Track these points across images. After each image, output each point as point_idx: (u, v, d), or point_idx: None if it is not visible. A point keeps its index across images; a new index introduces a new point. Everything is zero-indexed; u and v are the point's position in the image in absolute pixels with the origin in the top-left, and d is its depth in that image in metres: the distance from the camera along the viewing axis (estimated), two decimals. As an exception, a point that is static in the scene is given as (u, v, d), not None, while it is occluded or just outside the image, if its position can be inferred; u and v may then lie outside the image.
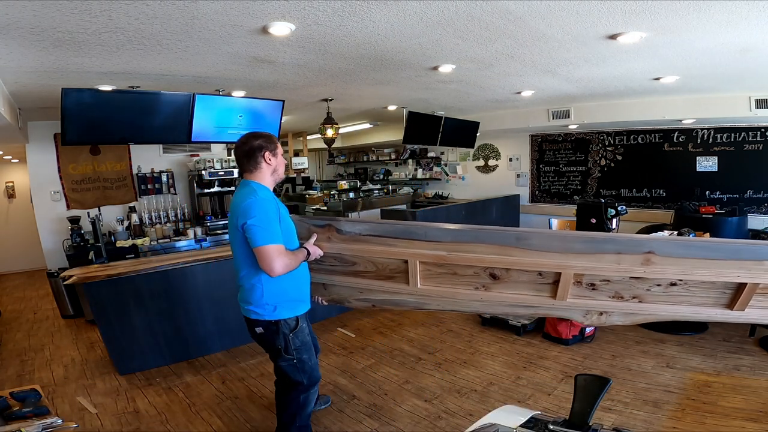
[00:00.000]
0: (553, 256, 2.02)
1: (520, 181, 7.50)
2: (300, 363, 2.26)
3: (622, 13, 2.28)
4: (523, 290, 2.16)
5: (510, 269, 2.12)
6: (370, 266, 2.38)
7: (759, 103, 4.56)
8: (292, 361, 2.25)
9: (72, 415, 2.87)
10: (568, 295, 2.08)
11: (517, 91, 4.66)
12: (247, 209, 2.03)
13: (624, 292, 2.03)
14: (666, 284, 1.96)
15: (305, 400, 2.35)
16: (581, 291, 2.07)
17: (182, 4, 1.99)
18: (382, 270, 2.36)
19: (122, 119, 3.39)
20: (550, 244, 2.04)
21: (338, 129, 5.17)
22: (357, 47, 2.81)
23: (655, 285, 1.98)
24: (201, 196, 5.76)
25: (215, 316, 3.84)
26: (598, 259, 1.97)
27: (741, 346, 3.54)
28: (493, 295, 2.21)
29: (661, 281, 1.96)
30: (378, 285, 2.41)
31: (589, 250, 1.98)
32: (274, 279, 2.12)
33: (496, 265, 2.12)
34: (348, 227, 2.36)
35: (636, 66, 3.49)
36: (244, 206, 2.05)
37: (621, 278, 2.00)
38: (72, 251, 4.74)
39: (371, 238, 2.31)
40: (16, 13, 1.95)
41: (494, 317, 4.19)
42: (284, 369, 2.28)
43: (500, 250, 2.09)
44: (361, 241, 2.33)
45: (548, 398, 2.93)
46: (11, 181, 8.01)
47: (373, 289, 2.45)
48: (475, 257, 2.13)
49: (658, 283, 1.97)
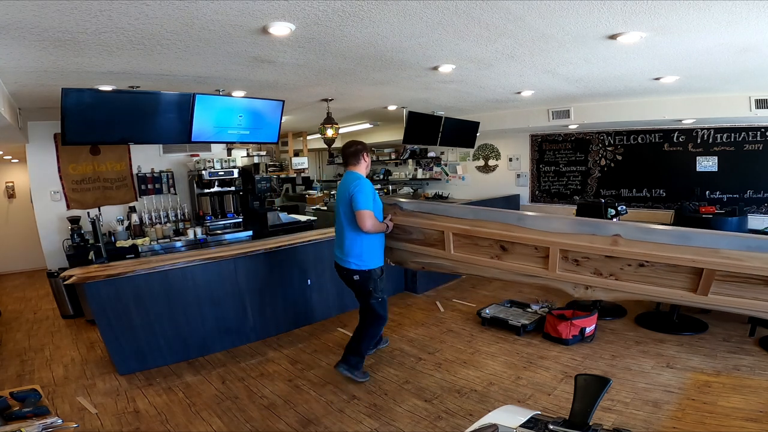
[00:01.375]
0: (543, 234, 2.51)
1: (520, 181, 7.50)
2: (383, 301, 3.23)
3: (622, 13, 2.28)
4: (525, 261, 2.65)
5: (514, 243, 2.65)
6: (420, 235, 3.10)
7: (759, 103, 4.57)
8: (378, 299, 3.19)
9: (72, 415, 2.87)
10: (557, 268, 2.53)
11: (517, 91, 4.66)
12: (356, 185, 3.01)
13: (602, 269, 2.41)
14: (636, 265, 2.30)
15: (379, 330, 3.40)
16: (568, 266, 2.52)
17: (182, 4, 1.99)
18: (428, 238, 3.06)
19: (122, 119, 3.39)
20: (540, 224, 2.54)
21: (338, 129, 5.17)
22: (357, 47, 2.81)
23: (626, 265, 2.33)
24: (201, 196, 5.75)
25: (215, 316, 3.84)
26: (576, 238, 2.41)
27: (741, 346, 3.53)
28: (504, 264, 2.73)
29: (631, 262, 2.30)
30: (426, 250, 3.08)
31: (570, 231, 2.44)
32: (367, 240, 3.07)
33: (503, 239, 2.68)
34: (405, 206, 3.16)
35: (636, 66, 3.49)
36: (354, 184, 3.02)
37: (597, 256, 2.39)
38: (72, 251, 4.73)
39: (420, 213, 3.05)
40: (16, 13, 1.95)
41: (494, 317, 4.19)
42: (373, 306, 3.19)
43: (506, 227, 2.65)
44: (414, 216, 3.08)
45: (548, 398, 2.93)
46: (11, 181, 8.01)
47: (423, 254, 3.12)
48: (487, 231, 2.72)
49: (629, 263, 2.31)
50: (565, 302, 4.68)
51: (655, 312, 4.23)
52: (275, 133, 4.42)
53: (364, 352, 3.26)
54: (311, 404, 2.97)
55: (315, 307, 4.57)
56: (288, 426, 2.72)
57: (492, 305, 4.53)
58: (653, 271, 2.29)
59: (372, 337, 3.31)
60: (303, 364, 3.58)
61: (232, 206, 6.00)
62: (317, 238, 4.59)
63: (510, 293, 5.21)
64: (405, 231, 3.16)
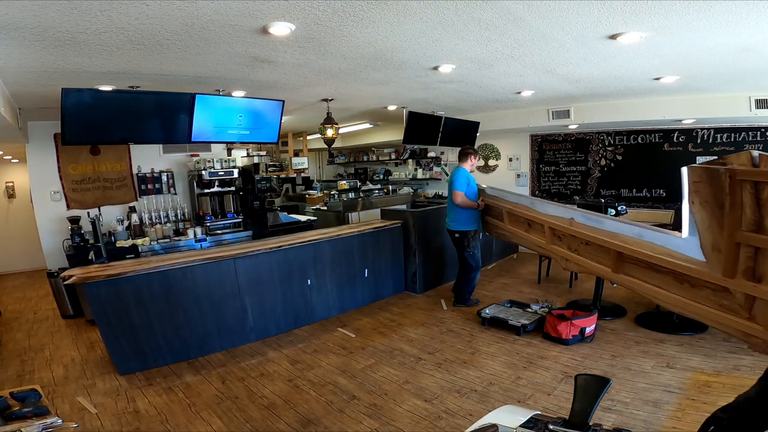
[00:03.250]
0: (541, 214, 3.62)
1: (520, 181, 7.50)
2: (473, 254, 4.70)
3: (622, 13, 2.28)
4: (537, 235, 3.77)
5: (532, 221, 3.79)
6: (496, 212, 4.43)
7: (759, 103, 4.57)
8: (470, 252, 4.67)
9: (72, 415, 2.87)
10: (550, 241, 3.55)
11: (517, 91, 4.66)
12: (456, 174, 4.59)
13: (571, 245, 3.32)
14: (584, 243, 3.13)
15: (474, 276, 4.81)
16: (555, 239, 3.51)
17: (182, 4, 1.99)
18: (498, 215, 4.39)
19: (122, 119, 3.39)
20: (540, 207, 3.70)
21: (338, 129, 5.17)
22: (357, 47, 2.81)
23: (581, 243, 3.18)
24: (201, 196, 5.75)
25: (215, 316, 3.84)
26: (554, 219, 3.43)
27: (741, 346, 3.53)
28: (529, 236, 3.89)
29: (582, 240, 3.14)
30: (498, 223, 4.44)
31: (552, 213, 3.48)
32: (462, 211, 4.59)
33: (525, 217, 3.88)
34: (488, 191, 4.53)
35: (636, 66, 3.49)
36: (455, 173, 4.61)
37: (565, 234, 3.33)
38: (72, 251, 4.73)
39: (493, 197, 4.43)
40: (16, 13, 1.95)
41: (494, 317, 4.19)
42: (466, 257, 4.69)
43: (526, 209, 3.88)
44: (492, 198, 4.45)
45: (548, 398, 2.93)
46: (11, 181, 8.01)
47: (498, 225, 4.44)
48: (519, 211, 3.99)
49: (582, 242, 3.15)
50: (564, 302, 4.68)
51: (655, 312, 4.23)
52: (275, 133, 4.42)
53: (465, 293, 4.81)
54: (311, 404, 2.97)
55: (315, 307, 4.57)
56: (288, 426, 2.72)
57: (492, 305, 4.53)
58: (593, 249, 3.05)
59: (469, 282, 4.77)
60: (303, 364, 3.58)
61: (232, 206, 6.00)
62: (317, 238, 4.59)
63: (510, 293, 5.21)
64: (490, 209, 4.51)
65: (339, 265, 4.76)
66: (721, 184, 1.85)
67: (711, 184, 1.91)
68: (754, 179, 1.72)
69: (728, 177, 1.80)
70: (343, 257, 4.79)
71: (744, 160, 1.78)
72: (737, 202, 1.80)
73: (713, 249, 2.06)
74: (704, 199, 1.98)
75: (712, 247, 2.06)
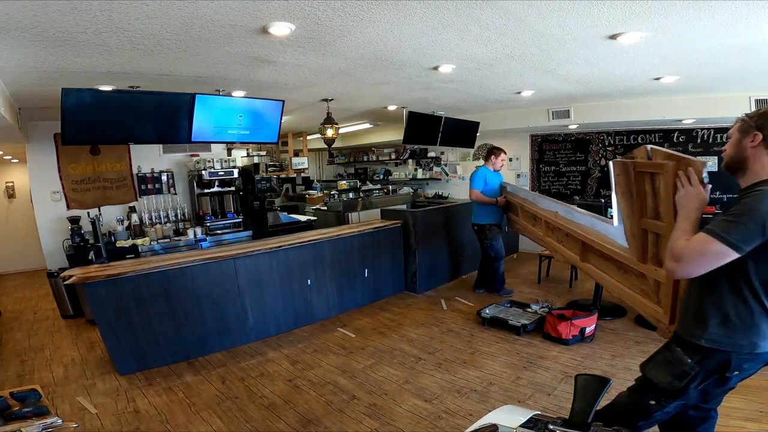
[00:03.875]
0: (539, 208, 3.89)
1: (521, 182, 7.49)
2: (491, 245, 5.00)
3: (622, 13, 2.28)
4: (538, 228, 4.01)
5: (536, 215, 3.98)
6: (513, 208, 4.69)
7: (759, 103, 4.56)
8: (488, 243, 4.99)
9: (72, 415, 2.87)
10: (545, 233, 3.81)
11: (517, 91, 4.66)
12: (473, 173, 5.02)
13: (558, 237, 3.54)
14: (565, 234, 3.32)
15: (497, 266, 5.09)
16: (549, 232, 3.74)
17: (182, 4, 1.99)
18: (515, 209, 4.64)
19: (122, 119, 3.39)
20: (538, 202, 3.98)
21: (338, 129, 5.17)
22: (357, 47, 2.81)
23: (563, 234, 3.36)
24: (201, 196, 5.75)
25: (215, 316, 3.84)
26: (545, 212, 3.71)
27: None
28: (535, 230, 4.13)
29: (564, 232, 3.33)
30: (515, 218, 4.69)
31: (545, 207, 3.75)
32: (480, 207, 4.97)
33: (530, 211, 4.16)
34: (507, 188, 4.80)
35: (636, 66, 3.49)
36: (473, 172, 5.03)
37: (554, 227, 3.54)
38: (72, 251, 4.73)
39: (512, 193, 4.69)
40: (16, 13, 1.95)
41: (494, 317, 4.19)
42: (486, 247, 5.03)
43: (531, 204, 4.14)
44: (510, 195, 4.71)
45: (548, 398, 2.93)
46: (11, 181, 8.01)
47: (515, 221, 4.70)
48: (526, 206, 4.26)
49: (565, 234, 3.32)
50: (564, 302, 4.68)
51: (655, 312, 4.23)
52: (275, 133, 4.42)
53: (494, 283, 5.10)
54: (311, 404, 2.97)
55: (315, 307, 4.57)
56: (288, 426, 2.72)
57: (492, 305, 4.53)
58: (572, 240, 3.22)
59: (494, 271, 5.07)
60: (303, 364, 3.58)
61: (232, 206, 6.00)
62: (317, 238, 4.59)
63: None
64: (511, 205, 4.72)
65: (339, 265, 4.76)
66: (629, 175, 2.01)
67: (625, 176, 2.05)
68: (649, 171, 1.89)
69: (633, 169, 1.98)
70: (343, 257, 4.79)
71: (642, 153, 1.94)
72: (641, 192, 1.98)
73: (632, 235, 2.19)
74: (623, 189, 2.11)
75: (631, 234, 2.19)
